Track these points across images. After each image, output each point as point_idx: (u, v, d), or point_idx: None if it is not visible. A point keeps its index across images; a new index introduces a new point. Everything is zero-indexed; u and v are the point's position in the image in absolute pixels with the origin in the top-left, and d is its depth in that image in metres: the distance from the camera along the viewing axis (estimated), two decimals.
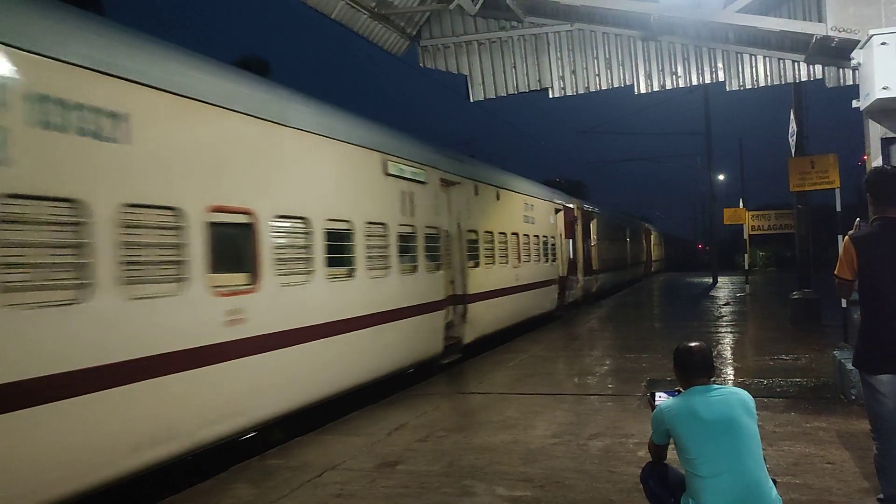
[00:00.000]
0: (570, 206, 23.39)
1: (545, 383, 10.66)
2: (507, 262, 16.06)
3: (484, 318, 14.10)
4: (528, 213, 18.05)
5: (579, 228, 24.42)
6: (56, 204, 5.08)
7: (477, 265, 14.06)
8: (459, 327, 12.82)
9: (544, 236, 19.46)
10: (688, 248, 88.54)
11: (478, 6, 9.54)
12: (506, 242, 16.11)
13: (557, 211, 21.53)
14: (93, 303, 5.26)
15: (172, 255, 6.10)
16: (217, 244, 6.61)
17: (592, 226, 27.02)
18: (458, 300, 12.92)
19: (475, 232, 14.13)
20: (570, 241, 23.06)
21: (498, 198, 15.90)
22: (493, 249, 15.18)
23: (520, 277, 16.80)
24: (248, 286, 7.08)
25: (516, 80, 10.44)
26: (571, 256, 23.08)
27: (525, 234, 17.57)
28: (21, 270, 4.82)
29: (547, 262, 19.63)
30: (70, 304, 5.11)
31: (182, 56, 6.82)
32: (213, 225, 6.56)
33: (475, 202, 14.27)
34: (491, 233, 15.14)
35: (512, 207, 16.98)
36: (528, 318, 17.57)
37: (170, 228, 6.10)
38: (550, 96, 10.32)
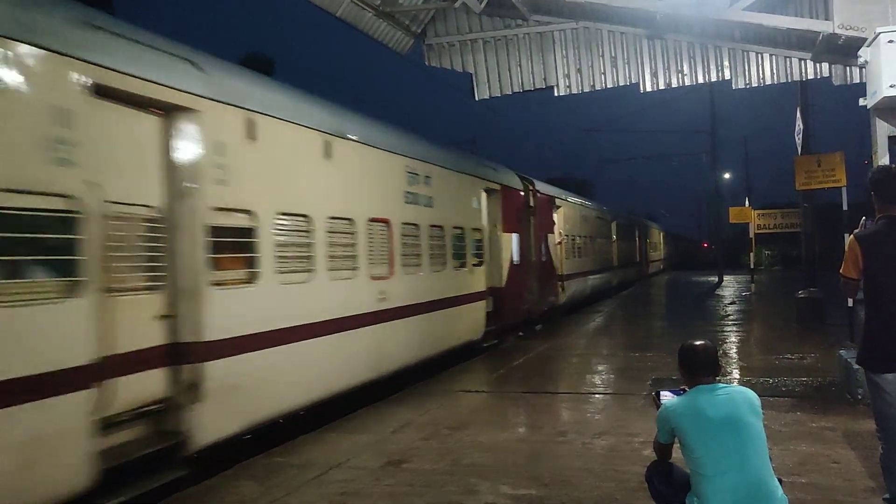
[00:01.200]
0: (514, 187, 16.70)
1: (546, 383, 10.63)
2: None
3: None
4: (413, 188, 11.16)
5: (535, 220, 17.96)
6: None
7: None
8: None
9: (456, 228, 13.02)
10: (693, 246, 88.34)
11: (483, 4, 9.54)
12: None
13: (490, 192, 14.96)
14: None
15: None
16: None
17: (558, 217, 20.91)
18: None
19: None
20: (516, 236, 16.38)
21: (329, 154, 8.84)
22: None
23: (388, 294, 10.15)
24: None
25: (521, 79, 10.43)
26: (517, 259, 16.34)
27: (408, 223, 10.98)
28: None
29: (463, 267, 13.22)
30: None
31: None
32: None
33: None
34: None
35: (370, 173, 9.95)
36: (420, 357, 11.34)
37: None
38: (556, 94, 10.32)
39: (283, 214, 7.66)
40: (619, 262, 33.80)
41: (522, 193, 17.28)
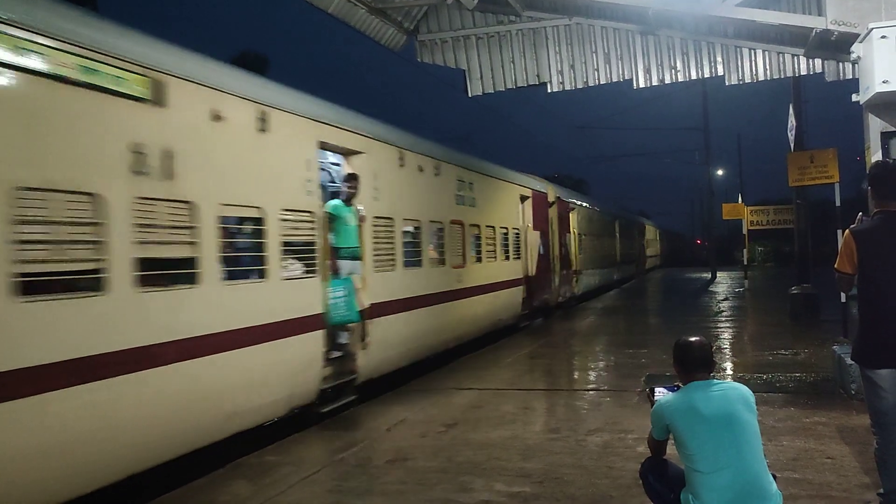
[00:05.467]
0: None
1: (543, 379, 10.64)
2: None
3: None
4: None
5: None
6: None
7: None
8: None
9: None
10: (687, 243, 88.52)
11: (476, 0, 9.50)
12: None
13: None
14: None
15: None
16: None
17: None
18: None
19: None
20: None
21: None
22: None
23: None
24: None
25: (514, 75, 10.40)
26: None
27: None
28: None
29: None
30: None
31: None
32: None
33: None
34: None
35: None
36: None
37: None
38: (549, 91, 10.29)
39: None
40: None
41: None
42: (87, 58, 5.35)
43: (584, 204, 26.90)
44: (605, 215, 32.16)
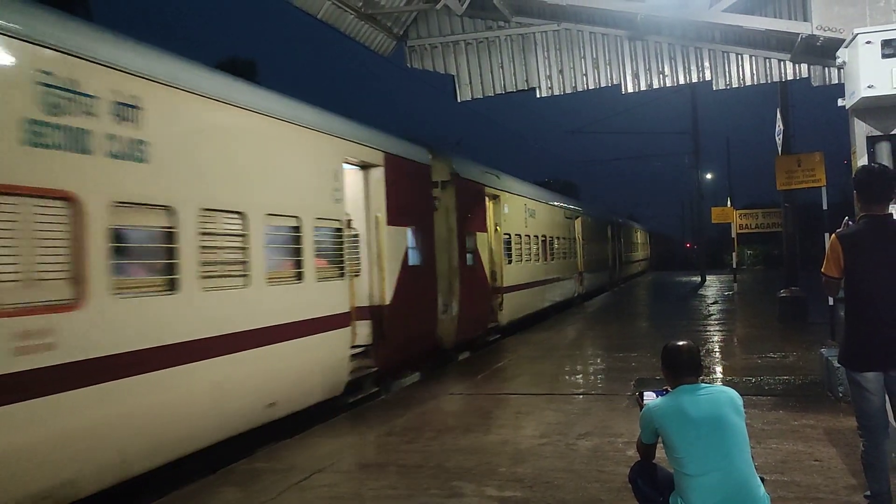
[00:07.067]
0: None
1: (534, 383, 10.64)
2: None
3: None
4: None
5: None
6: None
7: None
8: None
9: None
10: (676, 246, 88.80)
11: (465, 6, 9.52)
12: None
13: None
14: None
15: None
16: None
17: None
18: None
19: None
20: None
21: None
22: None
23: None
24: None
25: (503, 80, 10.42)
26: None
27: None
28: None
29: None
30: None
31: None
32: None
33: None
34: None
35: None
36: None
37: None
38: (538, 96, 10.31)
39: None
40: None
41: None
42: None
43: (518, 190, 19.29)
44: (559, 209, 24.28)
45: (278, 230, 8.25)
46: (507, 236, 17.55)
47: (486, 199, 16.22)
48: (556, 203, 24.18)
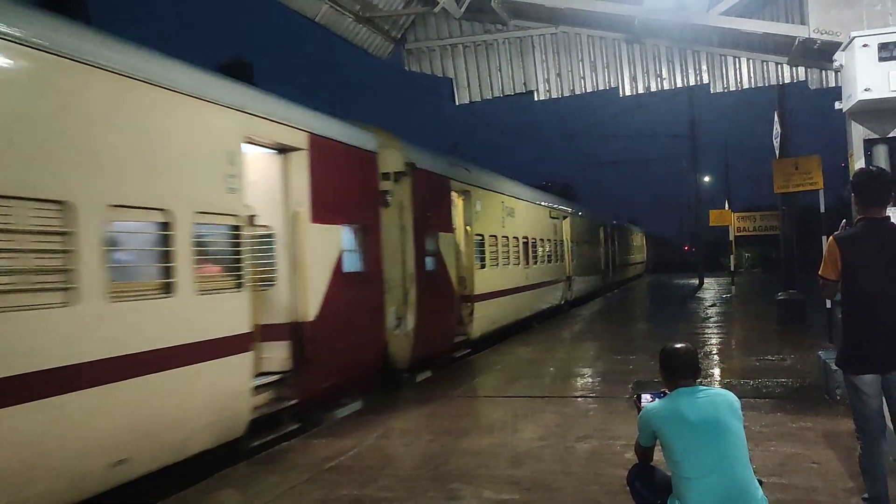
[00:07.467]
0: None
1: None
2: None
3: None
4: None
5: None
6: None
7: None
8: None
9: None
10: (674, 249, 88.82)
11: (462, 9, 9.53)
12: None
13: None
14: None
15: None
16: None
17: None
18: None
19: None
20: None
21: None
22: None
23: None
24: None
25: (501, 83, 10.42)
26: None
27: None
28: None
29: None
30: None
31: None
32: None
33: None
34: None
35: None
36: None
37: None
38: (536, 99, 10.33)
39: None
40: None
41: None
42: None
43: (496, 188, 17.55)
44: (542, 210, 22.49)
45: (132, 227, 6.34)
46: (480, 237, 15.69)
47: (454, 194, 14.28)
48: (539, 202, 22.40)
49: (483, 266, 15.69)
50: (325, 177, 9.14)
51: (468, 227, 15.04)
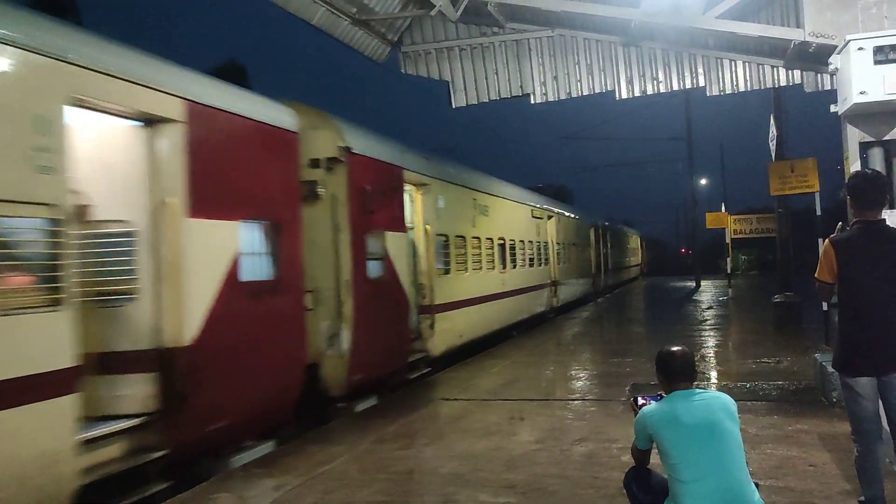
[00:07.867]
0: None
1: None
2: None
3: None
4: None
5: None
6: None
7: None
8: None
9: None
10: (671, 252, 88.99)
11: (459, 12, 9.54)
12: None
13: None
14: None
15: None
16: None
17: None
18: None
19: None
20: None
21: None
22: None
23: None
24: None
25: (498, 86, 10.43)
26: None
27: None
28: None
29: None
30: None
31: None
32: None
33: None
34: None
35: None
36: None
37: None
38: (532, 102, 10.34)
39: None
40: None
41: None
42: None
43: (464, 182, 15.21)
44: (522, 209, 20.29)
45: None
46: (444, 238, 13.53)
47: (410, 187, 12.25)
48: (520, 200, 20.20)
49: (447, 272, 13.59)
50: (214, 159, 7.17)
51: (427, 227, 12.73)
